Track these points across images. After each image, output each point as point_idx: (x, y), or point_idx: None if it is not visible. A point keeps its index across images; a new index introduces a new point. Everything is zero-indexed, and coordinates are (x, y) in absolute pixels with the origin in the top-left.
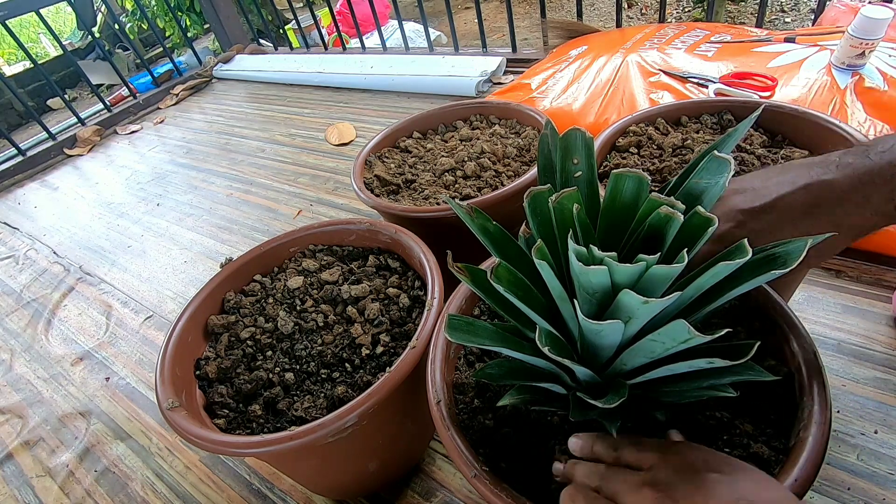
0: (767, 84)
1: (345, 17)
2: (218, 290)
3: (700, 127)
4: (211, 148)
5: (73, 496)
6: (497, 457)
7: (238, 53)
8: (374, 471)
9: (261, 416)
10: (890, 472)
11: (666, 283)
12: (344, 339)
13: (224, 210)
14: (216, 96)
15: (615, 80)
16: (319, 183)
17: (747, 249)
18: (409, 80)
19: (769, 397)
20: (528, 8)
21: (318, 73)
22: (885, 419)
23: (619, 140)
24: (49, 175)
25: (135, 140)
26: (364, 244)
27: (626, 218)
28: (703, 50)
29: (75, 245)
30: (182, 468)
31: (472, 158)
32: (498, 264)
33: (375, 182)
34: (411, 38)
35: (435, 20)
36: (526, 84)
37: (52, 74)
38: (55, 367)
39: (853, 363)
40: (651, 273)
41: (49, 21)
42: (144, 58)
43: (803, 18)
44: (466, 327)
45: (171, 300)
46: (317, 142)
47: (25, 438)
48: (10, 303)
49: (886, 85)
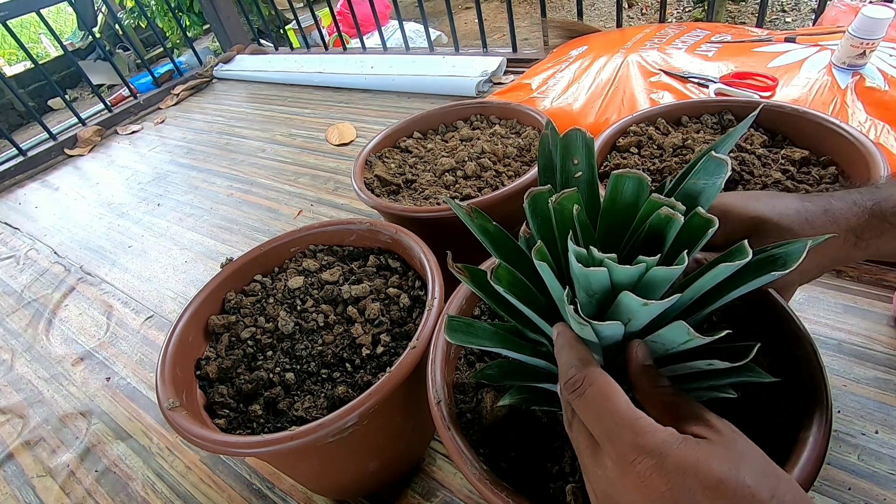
0: (768, 84)
1: (345, 17)
2: (218, 291)
3: (700, 127)
4: (211, 148)
5: (73, 496)
6: (497, 457)
7: (238, 53)
8: (374, 471)
9: (261, 416)
10: (891, 473)
11: (666, 284)
12: (344, 339)
13: (224, 210)
14: (217, 96)
15: (615, 80)
16: (320, 183)
17: (748, 251)
18: (410, 80)
19: (769, 398)
20: (529, 8)
21: (318, 74)
22: (886, 419)
23: (619, 140)
24: (50, 175)
25: (135, 140)
26: (364, 244)
27: (626, 219)
28: (703, 50)
29: (76, 245)
30: (183, 468)
31: (473, 158)
32: (498, 265)
33: (376, 182)
34: (412, 38)
35: (435, 20)
36: (526, 84)
37: (53, 74)
38: (56, 367)
39: (854, 363)
40: (651, 274)
41: (50, 21)
42: (145, 58)
43: (804, 18)
44: (466, 328)
45: (172, 300)
46: (317, 142)
47: (26, 438)
48: (10, 303)
49: (887, 84)
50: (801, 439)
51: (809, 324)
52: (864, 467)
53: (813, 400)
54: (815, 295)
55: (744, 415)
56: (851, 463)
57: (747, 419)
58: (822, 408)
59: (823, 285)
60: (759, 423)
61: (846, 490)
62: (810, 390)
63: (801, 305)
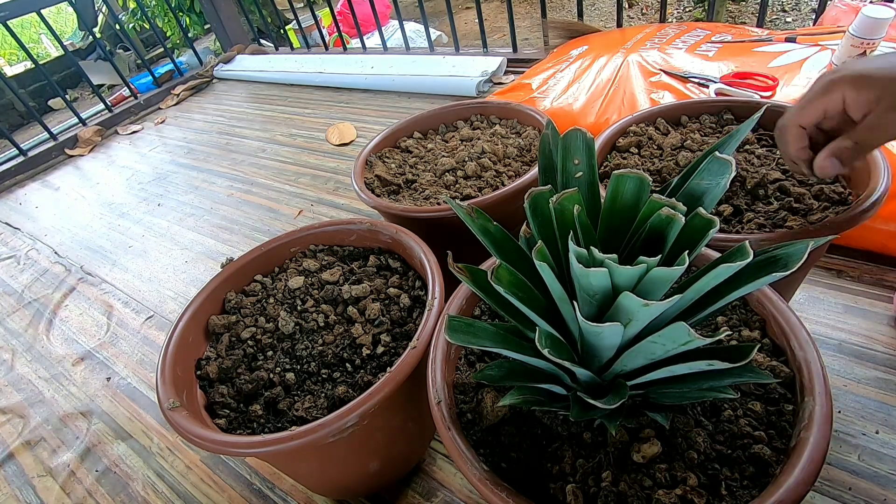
0: (768, 84)
1: (345, 17)
2: (218, 291)
3: (700, 127)
4: (212, 148)
5: (74, 496)
6: (498, 457)
7: (239, 53)
8: (374, 471)
9: (262, 416)
10: (891, 473)
11: (667, 285)
12: (345, 339)
13: (225, 210)
14: (217, 96)
15: (616, 80)
16: (320, 183)
17: (749, 251)
18: (410, 80)
19: (770, 398)
20: (529, 8)
21: (318, 74)
22: (887, 419)
23: (619, 140)
24: (50, 175)
25: (136, 140)
26: (365, 244)
27: (627, 219)
28: (703, 50)
29: (76, 245)
30: (183, 468)
31: (473, 158)
32: (498, 265)
33: (376, 182)
34: (412, 38)
35: (435, 20)
36: (526, 84)
37: (54, 75)
38: (56, 367)
39: (854, 363)
40: (651, 275)
41: (50, 21)
42: (145, 58)
43: (804, 18)
44: (466, 328)
45: (172, 300)
46: (317, 142)
47: (27, 438)
48: (11, 303)
49: None
50: (802, 439)
51: (810, 324)
52: (864, 467)
53: (813, 400)
54: (816, 295)
55: (744, 415)
56: (852, 463)
57: (748, 419)
58: (823, 407)
59: (824, 285)
60: (761, 423)
61: (847, 490)
62: (811, 390)
63: (801, 305)
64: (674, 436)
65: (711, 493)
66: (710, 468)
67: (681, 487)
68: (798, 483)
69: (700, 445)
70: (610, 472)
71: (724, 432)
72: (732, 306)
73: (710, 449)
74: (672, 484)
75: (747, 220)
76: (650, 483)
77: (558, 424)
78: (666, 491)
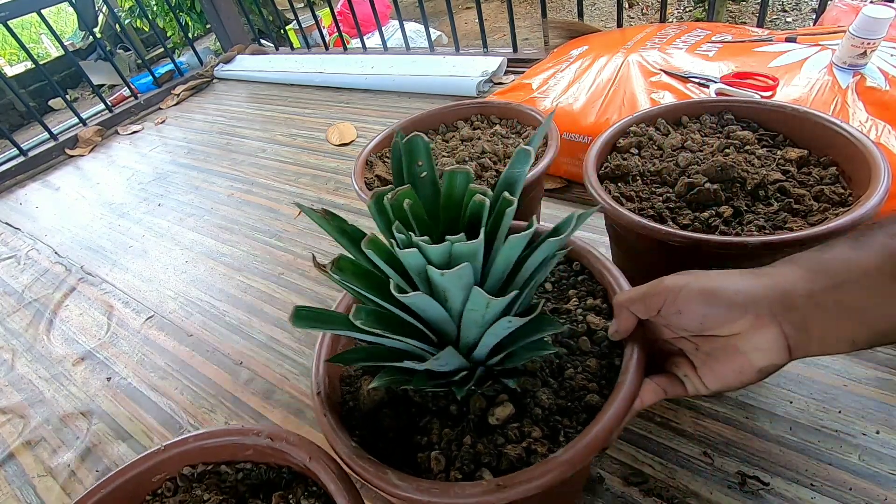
0: (768, 84)
1: (346, 17)
2: None
3: (701, 127)
4: (212, 148)
5: (74, 496)
6: (375, 437)
7: (239, 53)
8: None
9: None
10: (891, 473)
11: (471, 257)
12: None
13: (225, 210)
14: (217, 96)
15: (616, 80)
16: (320, 183)
17: (533, 223)
18: (410, 80)
19: (604, 353)
20: (529, 8)
21: (318, 74)
22: (887, 419)
23: (619, 141)
24: (50, 175)
25: (136, 140)
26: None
27: (459, 208)
28: (704, 50)
29: (77, 245)
30: None
31: (473, 158)
32: (339, 257)
33: (376, 182)
34: (412, 38)
35: (436, 20)
36: (527, 84)
37: (54, 75)
38: (56, 367)
39: (855, 363)
40: (454, 250)
41: (50, 21)
42: (145, 58)
43: (804, 18)
44: (315, 316)
45: (173, 300)
46: (318, 142)
47: (27, 438)
48: (11, 303)
49: (888, 84)
50: (619, 383)
51: None
52: (864, 467)
53: (631, 350)
54: None
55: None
56: (852, 463)
57: (584, 374)
58: (637, 354)
59: None
60: (595, 376)
61: (847, 490)
62: (631, 343)
63: None
64: (524, 397)
65: (552, 441)
66: (552, 420)
67: (526, 441)
68: (610, 419)
69: (545, 402)
70: (470, 436)
71: (566, 388)
72: (581, 279)
73: (554, 404)
74: (521, 438)
75: (747, 222)
76: (503, 441)
77: (429, 401)
78: (514, 445)
